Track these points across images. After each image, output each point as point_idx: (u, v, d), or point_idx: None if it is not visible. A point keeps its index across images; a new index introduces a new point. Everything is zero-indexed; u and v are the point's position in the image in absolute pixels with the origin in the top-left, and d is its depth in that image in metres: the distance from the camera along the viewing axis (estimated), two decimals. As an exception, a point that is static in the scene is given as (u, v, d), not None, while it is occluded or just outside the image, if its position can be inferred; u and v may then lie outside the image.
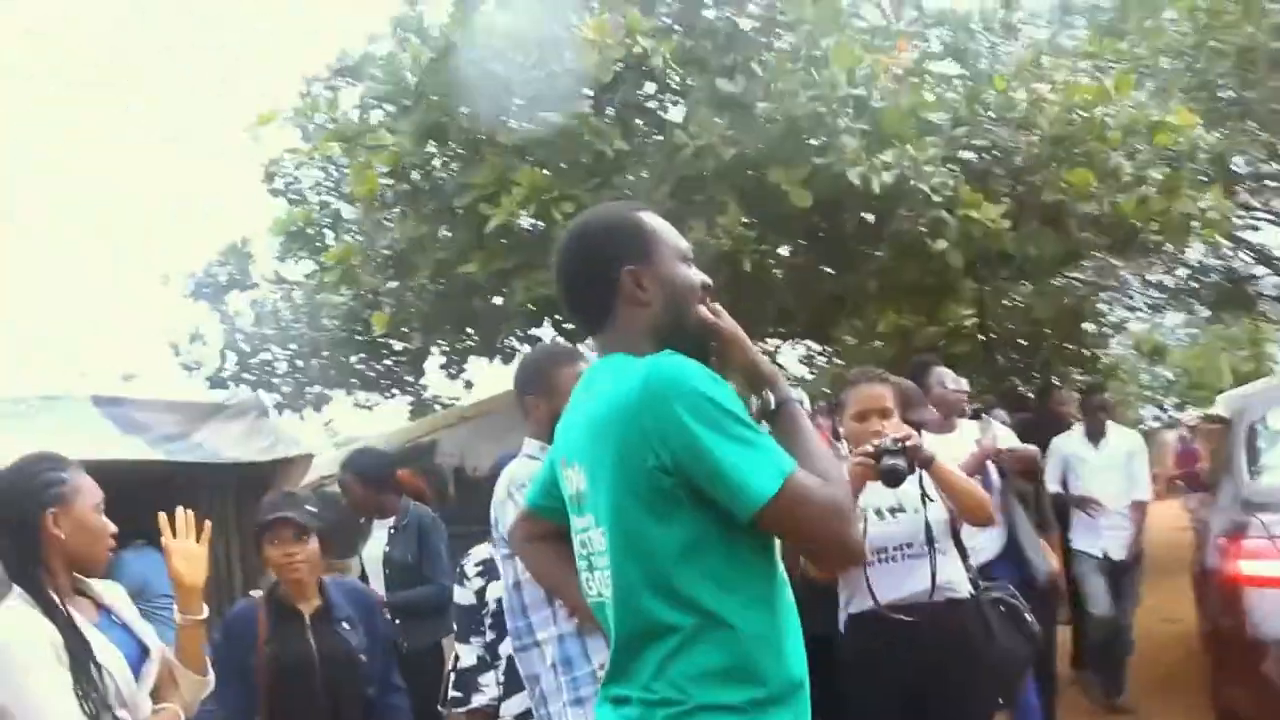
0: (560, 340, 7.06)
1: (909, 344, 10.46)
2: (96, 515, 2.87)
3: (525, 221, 6.33)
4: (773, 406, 2.08)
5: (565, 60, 5.93)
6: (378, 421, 10.65)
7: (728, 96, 6.10)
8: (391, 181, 6.74)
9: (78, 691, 2.64)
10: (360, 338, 7.90)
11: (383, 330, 6.95)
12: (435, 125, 6.37)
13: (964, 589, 3.73)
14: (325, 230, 7.89)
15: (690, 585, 1.91)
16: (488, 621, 3.90)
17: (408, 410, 9.98)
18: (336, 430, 11.66)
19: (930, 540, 3.64)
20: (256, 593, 3.73)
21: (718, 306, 2.18)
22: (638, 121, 6.53)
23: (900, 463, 3.50)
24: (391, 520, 5.24)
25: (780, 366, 11.45)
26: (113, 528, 2.92)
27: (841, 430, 4.04)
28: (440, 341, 8.03)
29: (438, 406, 10.05)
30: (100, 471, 4.69)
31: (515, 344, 8.22)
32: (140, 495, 5.07)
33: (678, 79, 6.28)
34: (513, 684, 3.83)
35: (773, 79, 5.95)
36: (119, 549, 5.04)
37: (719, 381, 1.95)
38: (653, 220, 2.18)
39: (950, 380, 5.33)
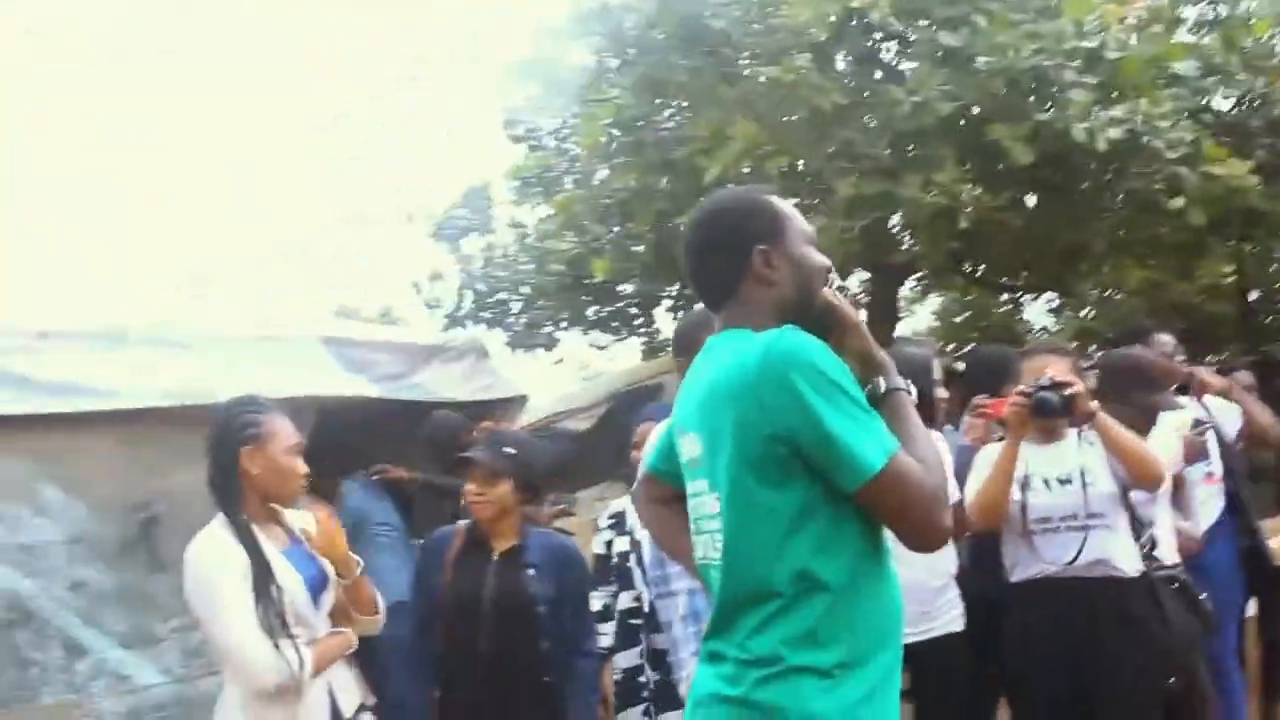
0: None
1: (1162, 300, 9.95)
2: (288, 457, 3.17)
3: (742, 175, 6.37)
4: (882, 392, 2.14)
5: (783, 13, 5.90)
6: (613, 362, 11.00)
7: (950, 50, 5.93)
8: (617, 133, 6.92)
9: (258, 608, 2.98)
10: (587, 281, 8.16)
11: (604, 276, 7.17)
12: (655, 79, 6.48)
13: (1129, 565, 3.63)
14: (562, 177, 8.17)
15: (798, 552, 2.00)
16: (612, 574, 4.02)
17: (641, 351, 10.24)
18: (586, 365, 12.12)
19: (1089, 514, 3.59)
20: (464, 521, 3.80)
21: (839, 293, 2.25)
22: (859, 75, 6.42)
23: (1052, 396, 3.51)
24: None
25: (1022, 320, 11.08)
26: (304, 468, 3.22)
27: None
28: (665, 287, 8.19)
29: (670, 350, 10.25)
30: (326, 407, 5.14)
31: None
32: (367, 430, 5.52)
33: (899, 32, 6.14)
34: (625, 639, 3.96)
35: (996, 31, 5.73)
36: (343, 478, 5.49)
37: (836, 359, 2.03)
38: (783, 203, 2.26)
39: (1170, 348, 5.10)
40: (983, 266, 8.41)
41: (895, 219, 6.51)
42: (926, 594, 3.99)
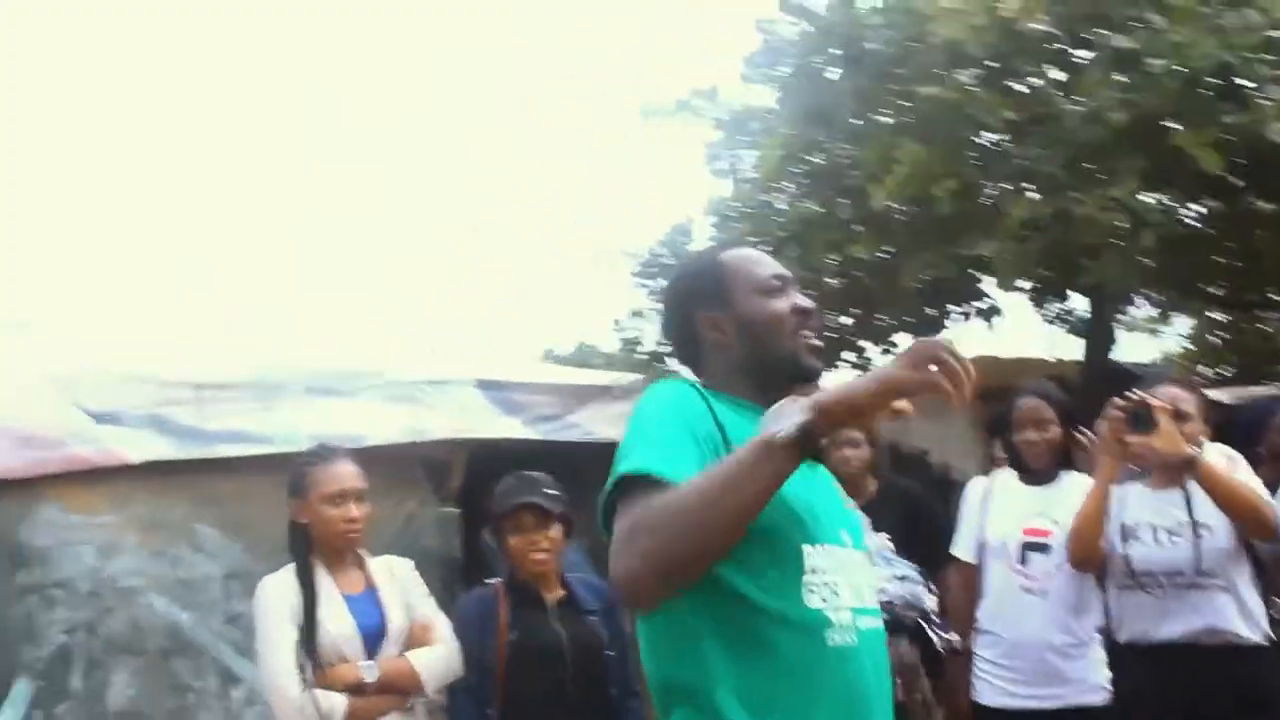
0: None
1: None
2: (327, 505, 3.32)
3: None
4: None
5: (941, 30, 5.67)
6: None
7: (1123, 53, 5.52)
8: (790, 163, 6.83)
9: (299, 651, 3.13)
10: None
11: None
12: (814, 107, 6.37)
13: (1251, 632, 3.24)
14: (759, 210, 8.08)
15: (661, 648, 1.89)
16: None
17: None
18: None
19: (1201, 572, 3.22)
20: (493, 580, 3.73)
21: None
22: (1032, 89, 6.06)
23: (1147, 413, 3.25)
24: None
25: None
26: (350, 515, 3.35)
27: None
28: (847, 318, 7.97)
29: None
30: (481, 448, 5.30)
31: (947, 322, 7.95)
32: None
33: (1064, 39, 5.78)
34: None
35: (1175, 28, 5.29)
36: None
37: (682, 397, 1.93)
38: (732, 258, 2.19)
39: None
40: (1221, 285, 7.73)
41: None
42: (1042, 652, 3.70)
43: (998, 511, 4.02)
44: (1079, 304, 8.54)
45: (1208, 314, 9.66)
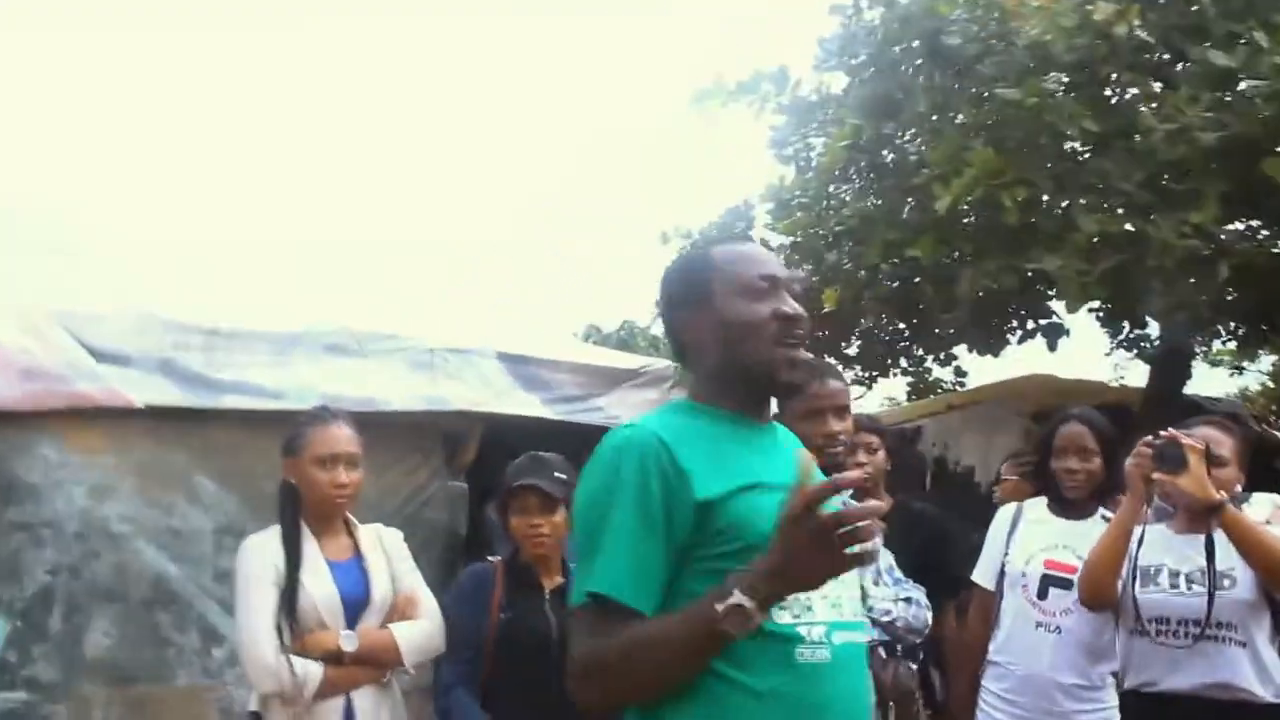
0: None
1: None
2: (316, 467, 3.20)
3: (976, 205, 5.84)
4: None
5: (1027, 32, 5.36)
6: (875, 398, 10.63)
7: (1224, 71, 5.17)
8: (857, 156, 6.55)
9: (279, 615, 3.01)
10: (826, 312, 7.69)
11: (832, 307, 6.76)
12: (887, 99, 6.08)
13: (1265, 690, 3.05)
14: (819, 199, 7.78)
15: None
16: None
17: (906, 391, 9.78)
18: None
19: (1218, 624, 3.00)
20: (495, 558, 3.63)
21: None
22: (1120, 99, 5.73)
23: (1178, 450, 3.06)
24: None
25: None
26: (339, 480, 3.21)
27: None
28: (898, 322, 7.68)
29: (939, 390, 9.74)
30: (499, 423, 5.10)
31: (1011, 336, 7.63)
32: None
33: (1160, 50, 5.44)
34: None
35: (1276, 48, 4.94)
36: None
37: (639, 464, 1.84)
38: (722, 254, 2.07)
39: None
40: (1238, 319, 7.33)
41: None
42: (1050, 691, 3.52)
43: (1022, 540, 3.86)
44: (1154, 330, 8.19)
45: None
